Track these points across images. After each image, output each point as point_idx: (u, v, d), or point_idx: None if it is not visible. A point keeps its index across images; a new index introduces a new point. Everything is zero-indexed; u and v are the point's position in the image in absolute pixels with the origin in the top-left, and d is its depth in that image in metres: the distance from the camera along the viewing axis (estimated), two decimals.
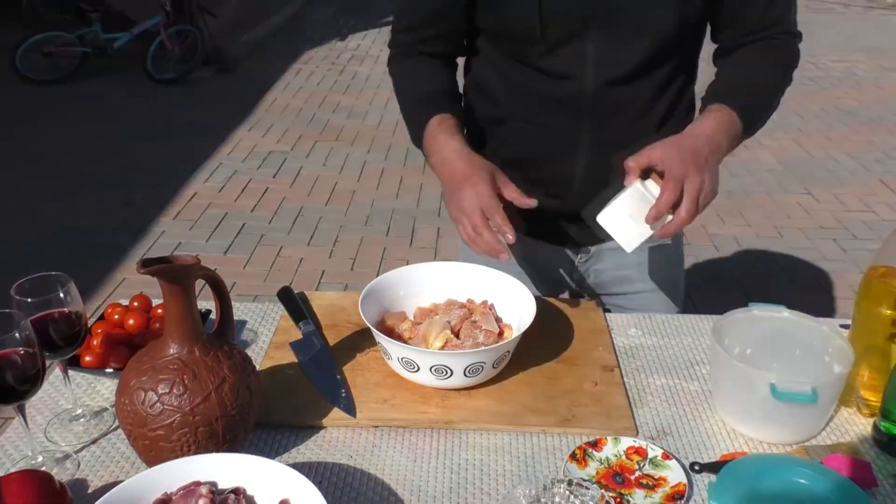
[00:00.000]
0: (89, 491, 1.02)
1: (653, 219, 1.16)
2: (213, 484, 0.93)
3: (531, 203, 1.22)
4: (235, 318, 1.31)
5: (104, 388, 1.22)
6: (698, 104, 1.37)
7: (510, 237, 1.19)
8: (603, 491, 0.98)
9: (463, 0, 1.31)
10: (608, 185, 1.33)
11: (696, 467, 1.05)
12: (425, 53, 1.40)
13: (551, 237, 1.50)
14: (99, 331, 1.25)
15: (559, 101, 1.32)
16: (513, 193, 1.23)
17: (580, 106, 1.31)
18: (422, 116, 1.34)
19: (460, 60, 1.46)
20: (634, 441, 1.09)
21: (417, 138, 1.36)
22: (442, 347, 1.19)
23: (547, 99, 1.33)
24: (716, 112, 1.26)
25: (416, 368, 1.15)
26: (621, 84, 1.29)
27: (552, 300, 1.44)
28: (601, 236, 1.29)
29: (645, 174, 1.18)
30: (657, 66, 1.30)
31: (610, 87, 1.29)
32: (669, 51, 1.29)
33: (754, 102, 1.30)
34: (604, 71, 1.28)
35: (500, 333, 1.25)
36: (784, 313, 1.21)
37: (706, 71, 1.42)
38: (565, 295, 1.59)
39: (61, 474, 1.04)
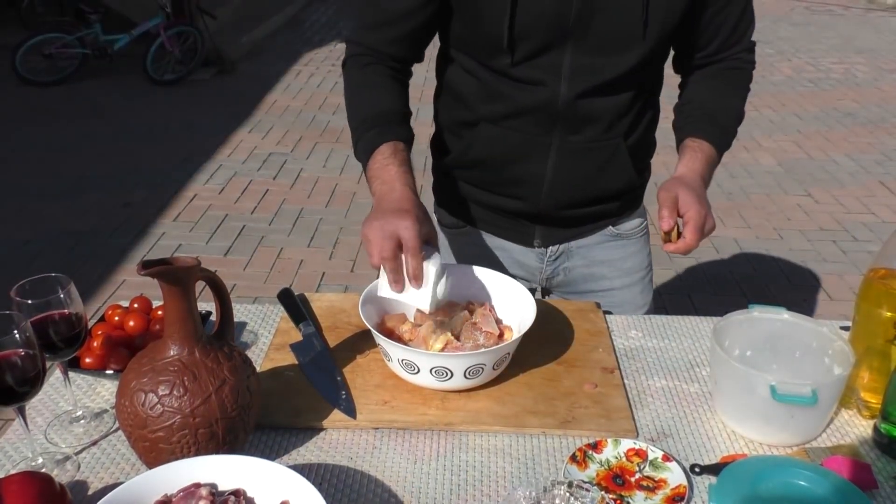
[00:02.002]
0: (89, 493, 1.02)
1: (672, 250, 1.24)
2: (214, 485, 0.93)
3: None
4: (235, 319, 1.31)
5: (104, 390, 1.22)
6: (662, 112, 1.47)
7: (409, 286, 1.16)
8: (603, 493, 0.98)
9: (433, 5, 1.31)
10: (576, 187, 1.41)
11: (697, 469, 1.05)
12: (385, 56, 1.37)
13: (519, 236, 1.53)
14: (99, 332, 1.25)
15: (531, 108, 1.34)
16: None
17: (551, 113, 1.33)
18: (374, 136, 1.31)
19: (420, 66, 1.45)
20: (634, 443, 1.09)
21: (364, 154, 1.32)
22: (442, 349, 1.19)
23: (518, 104, 1.34)
24: (699, 151, 1.35)
25: (416, 370, 1.15)
26: (594, 95, 1.31)
27: (552, 302, 1.44)
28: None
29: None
30: (630, 80, 1.32)
31: (583, 98, 1.31)
32: (643, 66, 1.31)
33: (727, 130, 1.41)
34: (578, 82, 1.30)
35: (501, 335, 1.25)
36: (784, 315, 1.21)
37: (671, 77, 1.47)
38: (538, 294, 1.61)
39: (61, 476, 1.04)
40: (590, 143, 1.36)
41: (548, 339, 1.31)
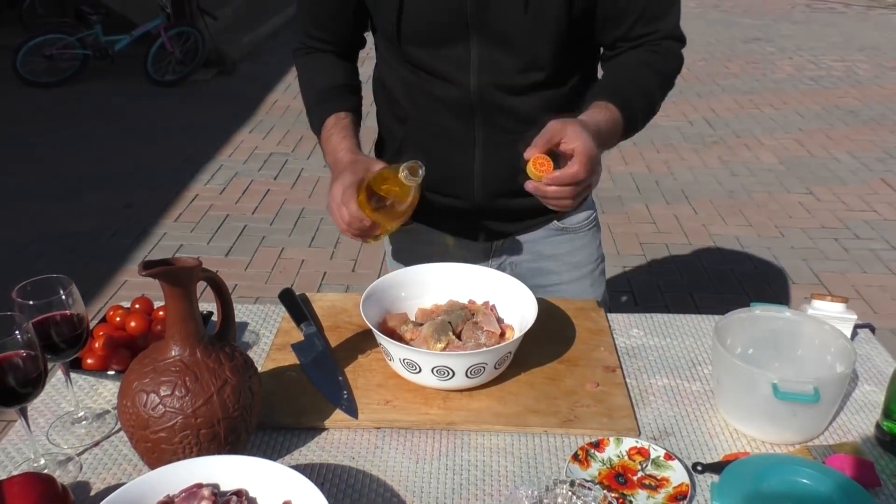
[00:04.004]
0: (91, 493, 1.02)
1: (531, 188, 1.14)
2: (216, 486, 0.93)
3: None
4: (237, 319, 1.31)
5: (106, 391, 1.22)
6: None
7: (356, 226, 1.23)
8: (605, 491, 0.98)
9: (349, 9, 1.39)
10: (508, 180, 1.36)
11: (699, 468, 1.05)
12: (323, 52, 1.48)
13: (464, 232, 1.53)
14: (101, 333, 1.25)
15: (448, 102, 1.35)
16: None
17: (467, 107, 1.34)
18: (321, 112, 1.42)
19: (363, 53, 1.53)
20: (637, 441, 1.09)
21: (317, 131, 1.44)
22: (443, 348, 1.19)
23: (439, 99, 1.36)
24: (606, 109, 1.25)
25: (417, 370, 1.15)
26: (506, 89, 1.32)
27: (553, 301, 1.43)
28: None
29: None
30: (543, 72, 1.31)
31: (495, 91, 1.32)
32: (554, 58, 1.29)
33: (637, 106, 1.30)
34: (487, 76, 1.31)
35: (502, 334, 1.25)
36: (786, 313, 1.21)
37: None
38: None
39: (63, 477, 1.04)
40: (512, 136, 1.34)
41: (549, 338, 1.31)
